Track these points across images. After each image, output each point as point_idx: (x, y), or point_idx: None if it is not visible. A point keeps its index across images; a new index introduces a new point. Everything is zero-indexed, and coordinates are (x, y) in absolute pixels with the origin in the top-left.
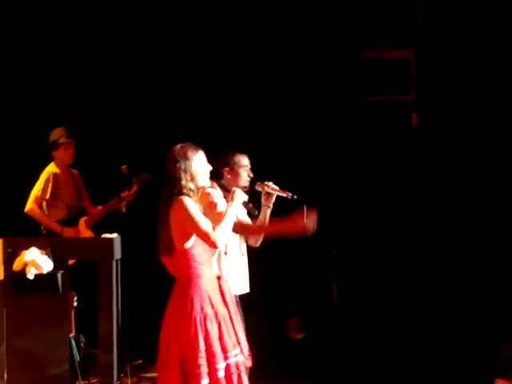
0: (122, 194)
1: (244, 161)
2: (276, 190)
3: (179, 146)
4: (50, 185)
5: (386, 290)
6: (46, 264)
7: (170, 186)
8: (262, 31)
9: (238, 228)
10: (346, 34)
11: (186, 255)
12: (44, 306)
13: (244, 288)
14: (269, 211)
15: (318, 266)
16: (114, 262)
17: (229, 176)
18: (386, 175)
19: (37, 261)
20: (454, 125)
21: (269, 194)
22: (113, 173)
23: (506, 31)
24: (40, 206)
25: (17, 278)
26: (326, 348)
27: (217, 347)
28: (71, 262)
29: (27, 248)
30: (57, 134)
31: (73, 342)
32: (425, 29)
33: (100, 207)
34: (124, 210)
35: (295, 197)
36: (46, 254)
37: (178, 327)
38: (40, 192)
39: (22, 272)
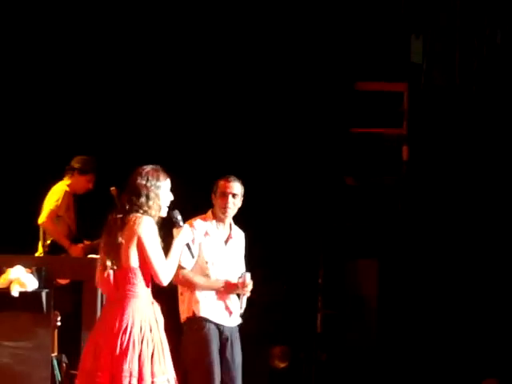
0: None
1: (221, 186)
2: None
3: (150, 166)
4: (65, 203)
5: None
6: (30, 282)
7: (131, 200)
8: (252, 57)
9: None
10: (339, 64)
11: (131, 273)
12: (27, 325)
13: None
14: None
15: (303, 296)
16: None
17: (214, 203)
18: (374, 207)
19: (22, 279)
20: (444, 159)
21: None
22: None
23: (498, 68)
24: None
25: (1, 295)
26: (310, 377)
27: (147, 369)
28: (65, 281)
29: (12, 266)
30: (90, 163)
31: (55, 362)
32: (419, 63)
33: (88, 243)
34: None
35: None
36: (31, 273)
37: (113, 343)
38: (56, 208)
39: (7, 289)
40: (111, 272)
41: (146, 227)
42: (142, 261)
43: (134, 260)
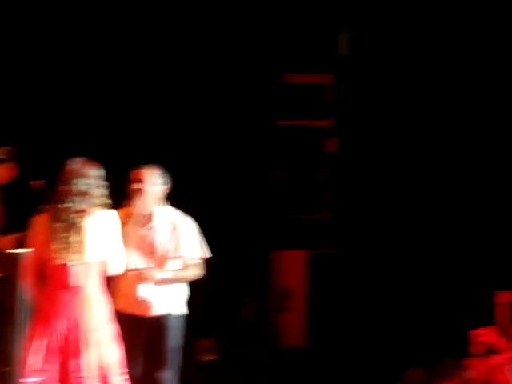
0: None
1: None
2: None
3: (84, 159)
4: None
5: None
6: None
7: (86, 193)
8: (179, 50)
9: None
10: (266, 57)
11: (92, 267)
12: None
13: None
14: None
15: (229, 288)
16: None
17: None
18: (302, 198)
19: None
20: (372, 150)
21: None
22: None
23: (426, 56)
24: None
25: None
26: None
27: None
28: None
29: None
30: (8, 152)
31: None
32: (345, 55)
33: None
34: None
35: None
36: None
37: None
38: None
39: None
40: (71, 266)
41: (115, 220)
42: (100, 253)
43: (94, 254)
